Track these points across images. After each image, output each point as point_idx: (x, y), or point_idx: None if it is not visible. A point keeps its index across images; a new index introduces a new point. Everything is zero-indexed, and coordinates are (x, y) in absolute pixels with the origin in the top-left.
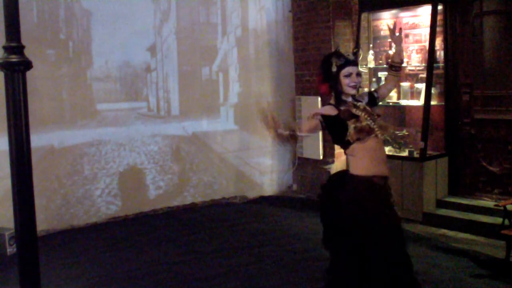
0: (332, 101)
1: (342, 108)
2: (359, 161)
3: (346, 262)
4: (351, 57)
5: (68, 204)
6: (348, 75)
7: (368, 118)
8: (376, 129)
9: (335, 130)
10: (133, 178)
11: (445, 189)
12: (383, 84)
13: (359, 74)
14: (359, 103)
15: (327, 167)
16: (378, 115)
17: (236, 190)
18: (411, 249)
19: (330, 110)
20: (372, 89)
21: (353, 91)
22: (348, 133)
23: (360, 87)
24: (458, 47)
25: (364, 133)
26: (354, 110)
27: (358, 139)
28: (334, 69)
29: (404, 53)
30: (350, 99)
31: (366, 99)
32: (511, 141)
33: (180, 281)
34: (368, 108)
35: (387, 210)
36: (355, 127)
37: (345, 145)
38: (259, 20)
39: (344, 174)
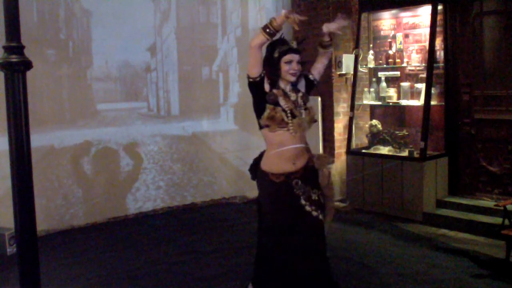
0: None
1: (273, 90)
2: (267, 152)
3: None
4: (294, 45)
5: (68, 204)
6: (289, 62)
7: (288, 111)
8: (290, 124)
9: (256, 105)
10: (133, 178)
11: (445, 189)
12: (315, 63)
13: (299, 62)
14: (293, 94)
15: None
16: (306, 109)
17: (236, 190)
18: (411, 249)
19: (267, 85)
20: (309, 74)
21: (292, 79)
22: (262, 116)
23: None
24: (458, 47)
25: (275, 123)
26: (281, 98)
27: (267, 126)
28: (276, 54)
29: (404, 53)
30: (288, 87)
31: (303, 82)
32: (511, 141)
33: (180, 281)
34: (300, 101)
35: (287, 209)
36: (269, 113)
37: (259, 125)
38: (259, 20)
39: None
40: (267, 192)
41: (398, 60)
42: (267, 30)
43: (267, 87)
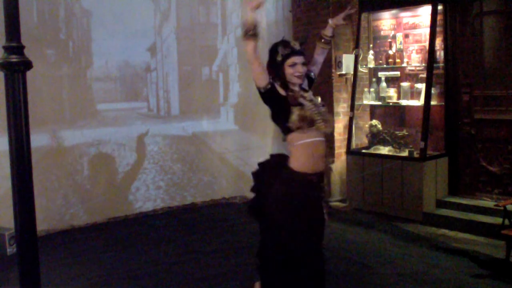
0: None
1: (290, 93)
2: (298, 154)
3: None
4: (297, 46)
5: (68, 204)
6: (293, 65)
7: (314, 109)
8: (319, 121)
9: (278, 112)
10: (132, 178)
11: (445, 189)
12: (313, 60)
13: (304, 64)
14: (306, 94)
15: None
16: (323, 105)
17: (236, 190)
18: (411, 249)
19: (281, 90)
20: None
21: (298, 81)
22: (290, 119)
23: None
24: (458, 47)
25: (307, 122)
26: (301, 99)
27: (299, 128)
28: (279, 58)
29: (404, 53)
30: (297, 88)
31: (305, 81)
32: (511, 141)
33: (180, 281)
34: (314, 99)
35: (314, 210)
36: (299, 115)
37: (285, 131)
38: (259, 20)
39: (282, 160)
40: (295, 191)
41: (398, 60)
42: (249, 32)
43: (281, 91)
